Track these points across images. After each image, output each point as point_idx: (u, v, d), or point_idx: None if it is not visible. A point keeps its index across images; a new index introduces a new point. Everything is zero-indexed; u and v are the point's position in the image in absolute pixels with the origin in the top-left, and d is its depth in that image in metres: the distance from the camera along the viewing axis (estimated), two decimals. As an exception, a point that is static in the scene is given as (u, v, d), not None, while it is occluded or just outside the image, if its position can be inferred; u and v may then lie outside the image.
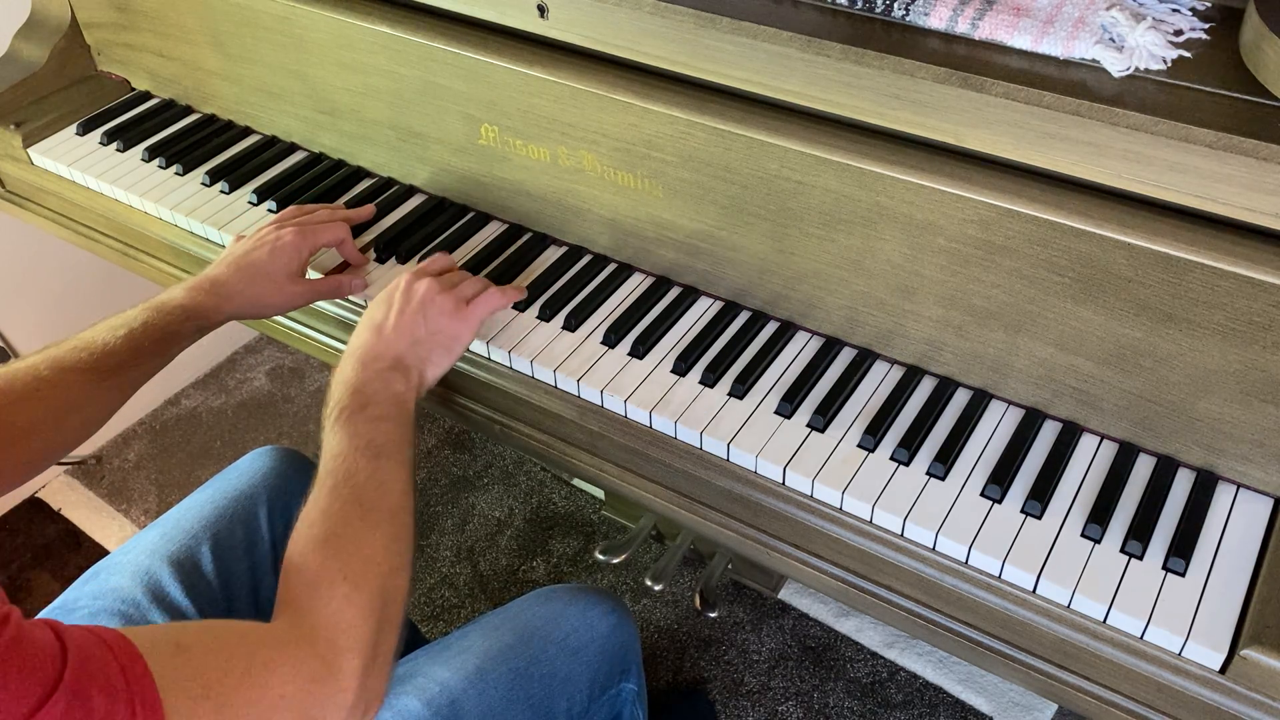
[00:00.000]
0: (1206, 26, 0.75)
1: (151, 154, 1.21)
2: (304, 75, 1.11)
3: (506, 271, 1.01)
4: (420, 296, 0.87)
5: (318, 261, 1.03)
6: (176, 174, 1.18)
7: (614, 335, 0.93)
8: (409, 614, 1.57)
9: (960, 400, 0.85)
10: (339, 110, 1.12)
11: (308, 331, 1.09)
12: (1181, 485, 0.77)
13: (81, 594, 0.92)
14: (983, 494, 0.78)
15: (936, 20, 0.77)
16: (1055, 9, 0.75)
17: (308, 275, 1.00)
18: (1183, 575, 0.72)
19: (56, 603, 0.92)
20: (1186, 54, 0.72)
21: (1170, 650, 0.69)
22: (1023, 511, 0.77)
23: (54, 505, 1.80)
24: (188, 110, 1.29)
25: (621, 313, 0.96)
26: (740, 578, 1.57)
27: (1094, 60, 0.72)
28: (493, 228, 1.07)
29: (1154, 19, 0.74)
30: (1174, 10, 0.76)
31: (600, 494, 1.71)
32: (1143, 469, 0.79)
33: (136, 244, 1.21)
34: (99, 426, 0.87)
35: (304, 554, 0.69)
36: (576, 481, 1.75)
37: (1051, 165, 0.73)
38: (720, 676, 1.48)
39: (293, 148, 1.21)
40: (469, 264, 1.02)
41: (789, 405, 0.85)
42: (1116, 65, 0.71)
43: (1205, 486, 0.77)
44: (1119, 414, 0.79)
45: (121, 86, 1.34)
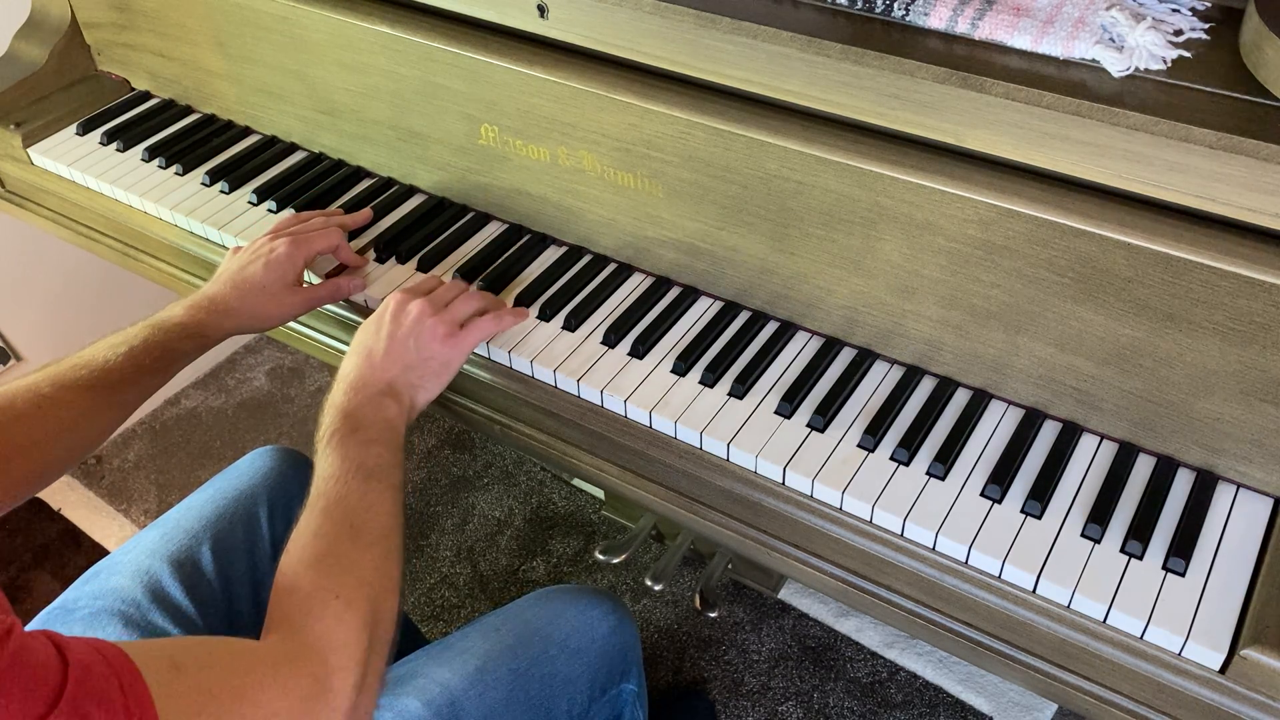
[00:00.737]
0: (1206, 26, 0.75)
1: (151, 154, 1.21)
2: (304, 75, 1.11)
3: (506, 271, 1.01)
4: (411, 320, 0.87)
5: (315, 265, 1.03)
6: (176, 174, 1.18)
7: (614, 335, 0.93)
8: (409, 614, 1.57)
9: (960, 400, 0.85)
10: (339, 110, 1.12)
11: (308, 332, 1.09)
12: (1181, 485, 0.77)
13: (82, 594, 0.92)
14: (983, 494, 0.78)
15: (936, 20, 0.77)
16: (1055, 9, 0.75)
17: (307, 282, 1.00)
18: (1183, 575, 0.72)
19: (56, 603, 0.92)
20: (1186, 54, 0.72)
21: (1170, 650, 0.69)
22: (1023, 511, 0.77)
23: (54, 505, 1.80)
24: (188, 110, 1.29)
25: (621, 313, 0.96)
26: (740, 578, 1.57)
27: (1094, 60, 0.72)
28: (493, 228, 1.07)
29: (1154, 19, 0.74)
30: (1174, 10, 0.76)
31: (600, 494, 1.71)
32: (1143, 469, 0.79)
33: (136, 244, 1.21)
34: (100, 444, 0.88)
35: (296, 573, 0.69)
36: (576, 481, 1.75)
37: (1051, 165, 0.73)
38: (720, 676, 1.48)
39: (293, 148, 1.21)
40: (469, 264, 1.02)
41: (789, 405, 0.85)
42: (1116, 65, 0.71)
43: (1205, 486, 0.77)
44: (1119, 414, 0.79)
45: (121, 86, 1.34)
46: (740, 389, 0.87)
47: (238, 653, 0.62)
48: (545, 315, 0.96)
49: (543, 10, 0.90)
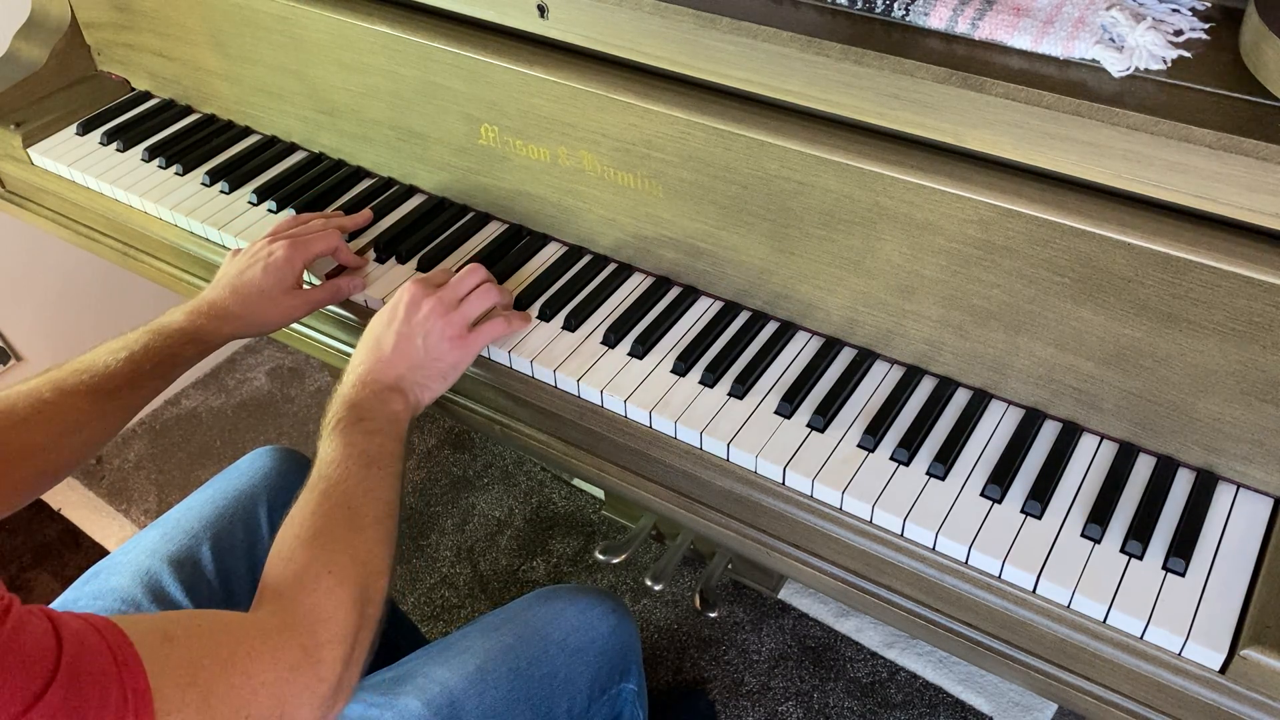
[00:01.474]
0: (1206, 26, 0.75)
1: (151, 154, 1.21)
2: (304, 75, 1.11)
3: (506, 271, 1.01)
4: (422, 318, 0.87)
5: (315, 266, 1.03)
6: (176, 174, 1.18)
7: (614, 335, 0.93)
8: (409, 614, 1.57)
9: (960, 400, 0.85)
10: (339, 110, 1.12)
11: (308, 332, 1.09)
12: (1181, 485, 0.77)
13: (81, 594, 0.92)
14: (983, 494, 0.78)
15: (936, 20, 0.77)
16: (1055, 9, 0.75)
17: (307, 284, 1.00)
18: (1183, 575, 0.72)
19: (56, 603, 0.92)
20: (1186, 54, 0.72)
21: (1170, 650, 0.69)
22: (1023, 511, 0.77)
23: (54, 505, 1.80)
24: (188, 110, 1.29)
25: (621, 313, 0.96)
26: (740, 578, 1.57)
27: (1094, 60, 0.72)
28: (493, 228, 1.07)
29: (1154, 19, 0.74)
30: (1174, 10, 0.75)
31: (600, 494, 1.71)
32: (1143, 469, 0.79)
33: (136, 244, 1.21)
34: (101, 448, 0.88)
35: (291, 548, 0.71)
36: (576, 481, 1.75)
37: (1051, 165, 0.73)
38: (720, 676, 1.48)
39: (293, 148, 1.21)
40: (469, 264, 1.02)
41: (789, 405, 0.85)
42: (1116, 65, 0.71)
43: (1205, 486, 0.77)
44: (1119, 414, 0.79)
45: (121, 86, 1.34)
46: (740, 389, 0.87)
47: (228, 624, 0.64)
48: (545, 315, 0.96)
49: (543, 10, 0.90)
